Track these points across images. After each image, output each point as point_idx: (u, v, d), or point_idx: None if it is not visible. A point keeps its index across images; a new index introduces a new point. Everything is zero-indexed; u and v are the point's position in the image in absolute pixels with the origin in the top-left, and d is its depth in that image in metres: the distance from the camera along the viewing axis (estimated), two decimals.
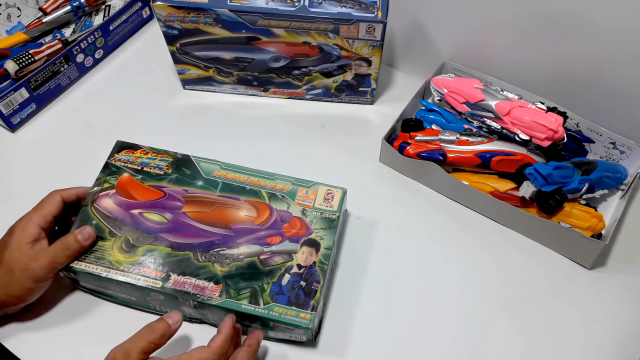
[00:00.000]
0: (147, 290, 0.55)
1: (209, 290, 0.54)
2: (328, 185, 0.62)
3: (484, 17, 0.72)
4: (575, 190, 0.64)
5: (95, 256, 0.56)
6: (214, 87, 0.82)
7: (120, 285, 0.56)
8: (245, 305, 0.54)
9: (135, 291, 0.56)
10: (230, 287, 0.55)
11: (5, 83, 0.75)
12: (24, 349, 0.57)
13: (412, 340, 0.60)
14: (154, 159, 0.63)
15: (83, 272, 0.55)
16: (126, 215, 0.59)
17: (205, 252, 0.57)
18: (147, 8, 0.90)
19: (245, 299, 0.54)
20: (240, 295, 0.54)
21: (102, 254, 0.56)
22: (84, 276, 0.56)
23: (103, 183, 0.61)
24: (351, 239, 0.67)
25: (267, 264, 0.56)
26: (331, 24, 0.69)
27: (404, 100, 0.74)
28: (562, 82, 0.72)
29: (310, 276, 0.56)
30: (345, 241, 0.67)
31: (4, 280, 0.53)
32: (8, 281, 0.53)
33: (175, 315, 0.52)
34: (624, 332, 0.61)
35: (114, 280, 0.55)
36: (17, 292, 0.54)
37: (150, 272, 0.55)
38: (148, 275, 0.55)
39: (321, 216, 0.60)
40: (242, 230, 0.59)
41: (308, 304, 0.54)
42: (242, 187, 0.62)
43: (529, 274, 0.65)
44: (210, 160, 0.64)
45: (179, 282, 0.55)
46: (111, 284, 0.56)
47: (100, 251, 0.56)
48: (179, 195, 0.61)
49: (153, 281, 0.55)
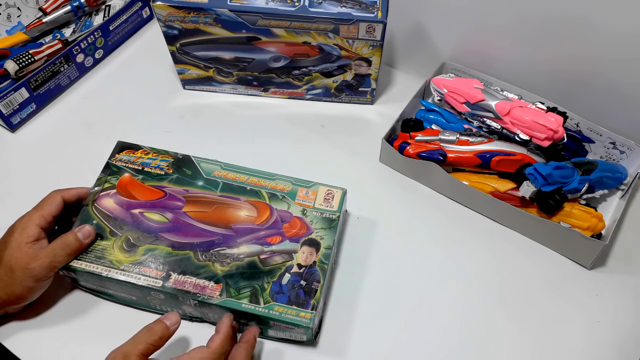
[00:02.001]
0: (147, 289, 0.55)
1: (209, 289, 0.55)
2: (328, 185, 0.62)
3: (484, 17, 0.72)
4: (575, 190, 0.64)
5: (95, 256, 0.56)
6: (214, 87, 0.82)
7: (121, 284, 0.56)
8: (246, 305, 0.54)
9: (135, 290, 0.56)
10: (230, 287, 0.55)
11: (5, 83, 0.75)
12: (24, 348, 0.57)
13: (412, 340, 0.60)
14: (154, 159, 0.64)
15: (84, 272, 0.55)
16: (127, 215, 0.59)
17: (205, 252, 0.57)
18: (147, 8, 0.90)
19: (245, 298, 0.54)
20: (241, 295, 0.54)
21: (102, 254, 0.56)
22: (85, 276, 0.56)
23: (104, 183, 0.61)
24: (351, 238, 0.67)
25: (267, 263, 0.57)
26: (331, 24, 0.69)
27: (404, 100, 0.74)
28: (562, 82, 0.72)
29: (310, 276, 0.56)
30: (345, 241, 0.67)
31: (4, 279, 0.53)
32: (9, 281, 0.53)
33: (173, 316, 0.52)
34: (624, 332, 0.61)
35: (115, 280, 0.55)
36: (18, 292, 0.54)
37: (150, 272, 0.55)
38: (149, 274, 0.55)
39: (321, 216, 0.60)
40: (243, 230, 0.59)
41: (308, 303, 0.54)
42: (242, 187, 0.62)
43: (529, 274, 0.65)
44: (211, 161, 0.64)
45: (179, 281, 0.55)
46: (112, 283, 0.56)
47: (100, 251, 0.56)
48: (179, 195, 0.61)
49: (154, 280, 0.55)
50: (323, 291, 0.56)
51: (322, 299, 0.56)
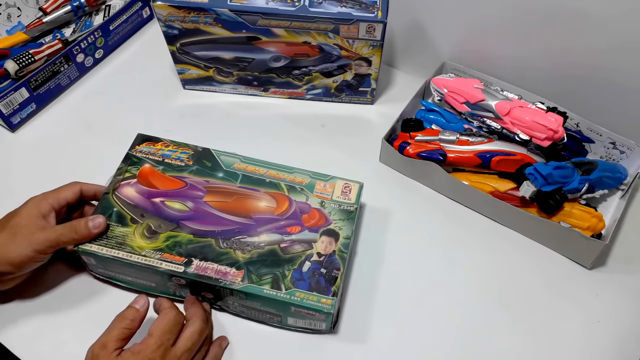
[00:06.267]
0: (168, 275, 0.56)
1: (231, 275, 0.55)
2: (345, 179, 0.63)
3: (484, 17, 0.72)
4: (575, 190, 0.64)
5: (117, 242, 0.57)
6: (214, 87, 0.82)
7: (142, 270, 0.56)
8: (267, 290, 0.54)
9: (156, 276, 0.57)
10: (252, 273, 0.56)
11: (5, 83, 0.75)
12: (23, 346, 0.57)
13: (412, 340, 0.60)
14: (174, 151, 0.64)
15: (105, 257, 0.56)
16: (148, 204, 0.60)
17: (226, 239, 0.58)
18: (147, 8, 0.90)
19: (267, 284, 0.55)
20: (262, 281, 0.55)
21: (124, 240, 0.57)
22: (105, 261, 0.57)
23: (124, 172, 0.62)
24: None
25: (287, 251, 0.57)
26: (331, 24, 0.69)
27: (404, 100, 0.74)
28: (562, 81, 0.72)
29: (330, 264, 0.56)
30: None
31: (2, 241, 0.53)
32: (7, 244, 0.53)
33: (141, 299, 0.53)
34: (624, 332, 0.61)
35: (137, 265, 0.56)
36: (12, 256, 0.53)
37: (172, 258, 0.56)
38: (170, 260, 0.56)
39: (339, 208, 0.61)
40: (263, 220, 0.60)
41: (329, 290, 0.55)
42: (261, 180, 0.63)
43: (529, 273, 0.65)
44: (230, 154, 0.65)
45: (201, 267, 0.56)
46: (132, 269, 0.57)
47: (122, 237, 0.57)
48: (200, 186, 0.62)
49: (175, 266, 0.55)
50: (342, 279, 0.57)
51: (342, 286, 0.57)
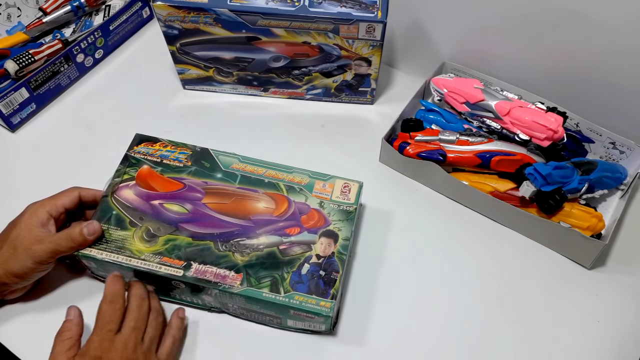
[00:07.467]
0: (168, 279, 0.56)
1: (230, 278, 0.55)
2: (345, 178, 0.63)
3: (484, 18, 0.72)
4: (575, 190, 0.64)
5: (116, 246, 0.57)
6: (214, 87, 0.82)
7: (142, 274, 0.56)
8: (266, 294, 0.54)
9: (155, 280, 0.57)
10: (251, 276, 0.56)
11: (5, 83, 0.75)
12: (23, 346, 0.58)
13: (411, 340, 0.60)
14: (173, 152, 0.64)
15: (104, 262, 0.56)
16: (146, 206, 0.60)
17: (225, 242, 0.58)
18: (147, 8, 0.90)
19: (266, 287, 0.55)
20: (261, 284, 0.55)
21: (123, 244, 0.57)
22: (105, 265, 0.57)
23: (123, 174, 0.62)
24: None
25: (286, 253, 0.57)
26: (331, 24, 0.69)
27: (404, 100, 0.74)
28: (562, 82, 0.72)
29: (329, 266, 0.57)
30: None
31: (5, 255, 0.54)
32: (10, 258, 0.54)
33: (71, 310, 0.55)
34: (624, 332, 0.61)
35: (136, 269, 0.56)
36: (15, 269, 0.54)
37: (171, 261, 0.56)
38: (169, 264, 0.56)
39: (338, 208, 0.61)
40: (262, 221, 0.59)
41: (328, 293, 0.55)
42: (260, 180, 0.63)
43: (528, 273, 0.65)
44: (229, 154, 0.65)
45: (200, 270, 0.56)
46: (132, 272, 0.57)
47: (121, 241, 0.57)
48: (198, 187, 0.62)
49: (175, 270, 0.56)
50: (342, 281, 0.57)
51: (340, 288, 0.57)
